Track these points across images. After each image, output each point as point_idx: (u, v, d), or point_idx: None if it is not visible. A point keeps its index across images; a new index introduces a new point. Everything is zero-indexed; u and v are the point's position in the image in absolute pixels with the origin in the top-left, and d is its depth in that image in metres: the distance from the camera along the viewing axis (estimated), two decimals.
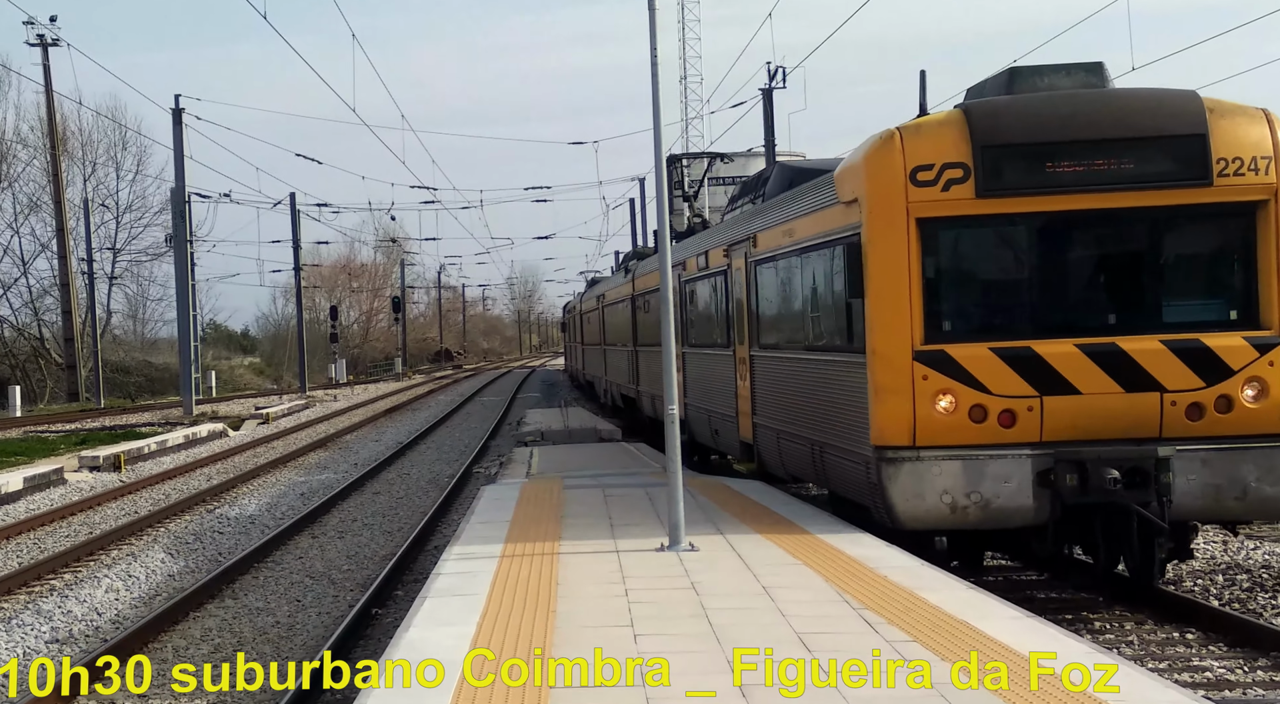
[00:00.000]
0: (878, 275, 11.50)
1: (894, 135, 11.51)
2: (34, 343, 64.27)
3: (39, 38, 52.17)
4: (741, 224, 17.59)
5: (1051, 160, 11.43)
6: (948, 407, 11.22)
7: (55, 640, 11.53)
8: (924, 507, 11.23)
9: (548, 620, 8.63)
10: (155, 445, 29.85)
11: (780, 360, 15.16)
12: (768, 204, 16.19)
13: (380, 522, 18.48)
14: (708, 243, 19.81)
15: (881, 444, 11.40)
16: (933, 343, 11.36)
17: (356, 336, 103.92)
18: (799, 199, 14.33)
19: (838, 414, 12.68)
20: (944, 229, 11.58)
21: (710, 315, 19.59)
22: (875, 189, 11.55)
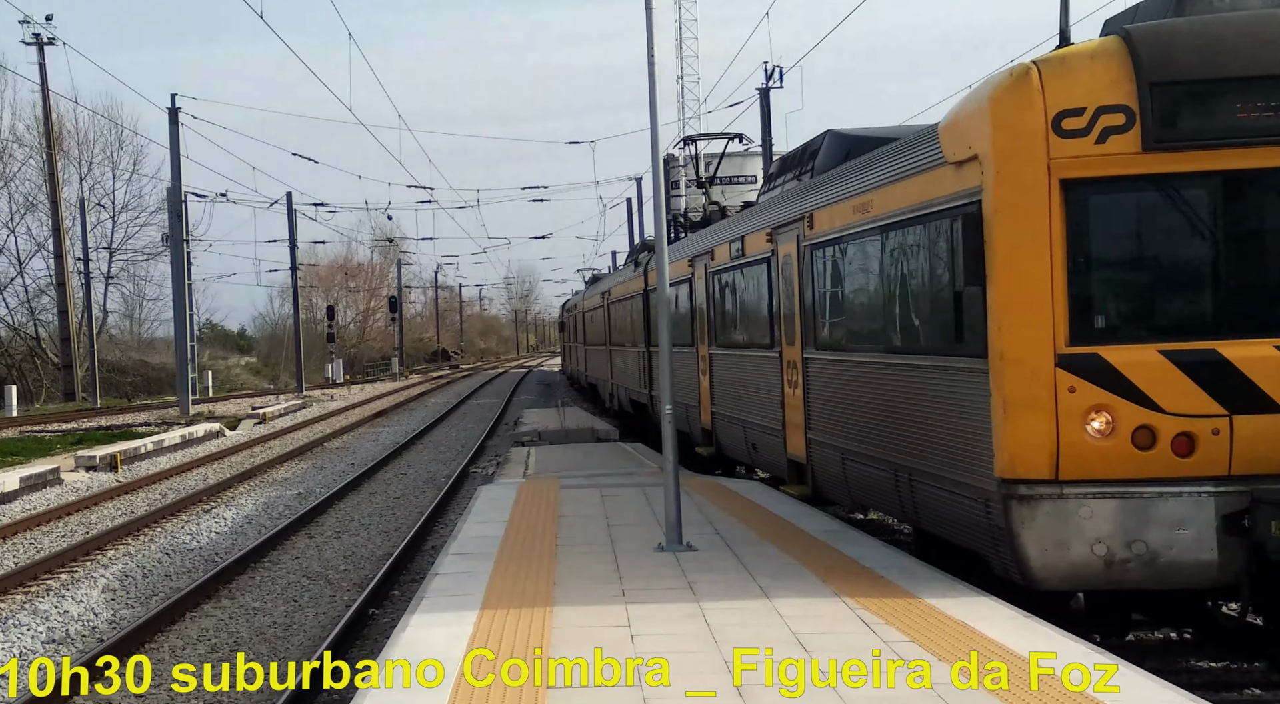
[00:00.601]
0: (1007, 255, 8.98)
1: (1030, 71, 8.97)
2: (30, 342, 64.23)
3: (35, 37, 52.19)
4: (789, 203, 14.98)
5: (1244, 102, 8.82)
6: (1102, 428, 8.74)
7: (52, 641, 11.51)
8: (1068, 560, 8.74)
9: (545, 620, 8.62)
10: (152, 445, 29.82)
11: (847, 365, 12.65)
12: (824, 177, 13.72)
13: (377, 522, 18.46)
14: (743, 228, 17.35)
15: (1011, 477, 8.85)
16: (1082, 344, 8.85)
17: (353, 336, 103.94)
18: (876, 165, 11.78)
19: (939, 435, 10.15)
20: (1098, 193, 9.04)
21: (748, 311, 17.20)
22: (1005, 142, 9.03)
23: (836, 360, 13.09)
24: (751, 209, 18.23)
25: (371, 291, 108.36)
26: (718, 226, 20.05)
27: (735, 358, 17.79)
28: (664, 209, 12.71)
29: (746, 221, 17.35)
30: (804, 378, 14.03)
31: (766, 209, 16.45)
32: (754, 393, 16.43)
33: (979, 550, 9.65)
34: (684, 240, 23.38)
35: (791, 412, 14.59)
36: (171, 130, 43.01)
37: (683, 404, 20.65)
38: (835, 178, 13.21)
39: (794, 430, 14.51)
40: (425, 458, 27.83)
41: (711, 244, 19.20)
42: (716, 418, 18.96)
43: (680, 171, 64.27)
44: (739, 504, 14.20)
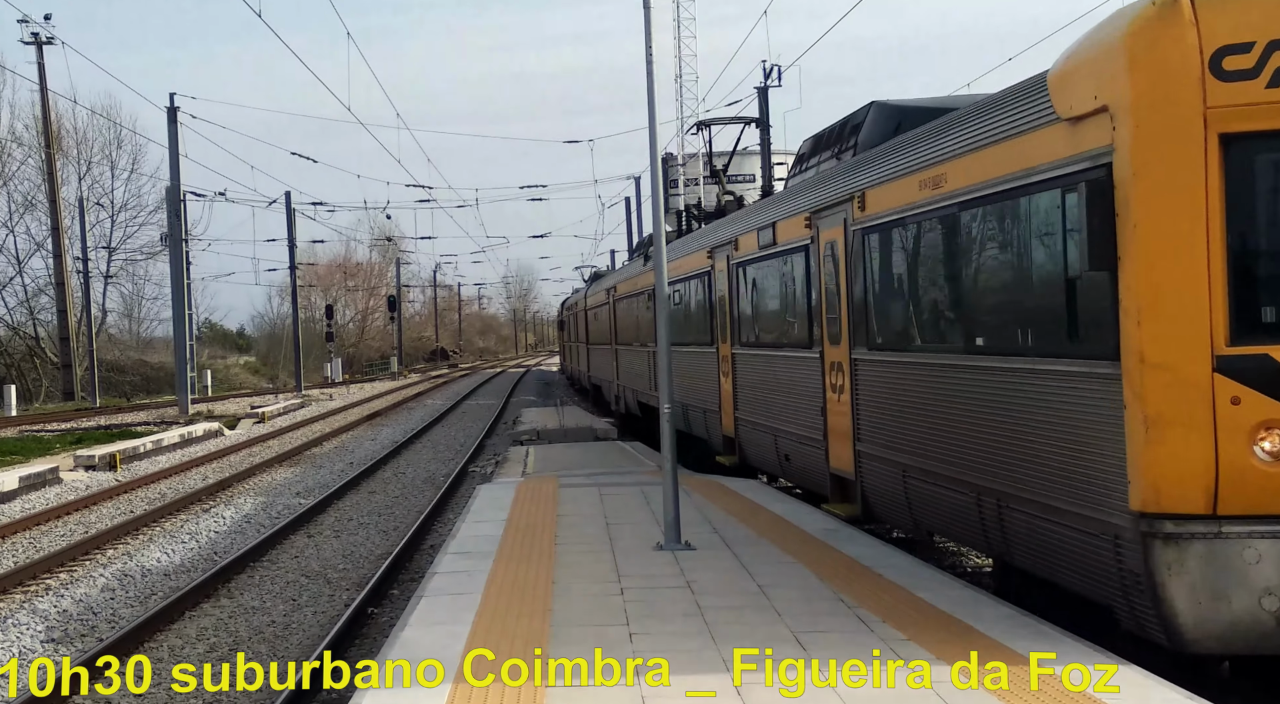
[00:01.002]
0: (1149, 231, 7.25)
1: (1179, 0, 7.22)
2: (29, 342, 64.20)
3: (34, 36, 52.17)
4: (831, 183, 13.19)
5: None
6: (1275, 450, 7.12)
7: (51, 640, 11.51)
8: (1228, 616, 7.11)
9: (543, 619, 8.62)
10: (151, 445, 29.82)
11: (912, 367, 10.84)
12: (876, 152, 12.06)
13: (376, 521, 18.46)
14: (773, 213, 15.67)
15: (1153, 511, 7.21)
16: (1248, 342, 7.16)
17: (352, 335, 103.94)
18: (952, 131, 9.97)
19: (1043, 454, 8.44)
20: (1268, 151, 7.26)
21: (781, 306, 15.45)
22: (1147, 87, 7.25)
23: (896, 362, 11.20)
24: (782, 193, 16.29)
25: (370, 291, 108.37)
26: (741, 214, 18.56)
27: (765, 358, 16.03)
28: (662, 208, 12.71)
29: (778, 206, 15.65)
30: (852, 381, 12.26)
31: (802, 191, 14.54)
32: (788, 397, 14.69)
33: (1101, 599, 7.90)
34: (701, 230, 22.10)
35: (835, 419, 12.90)
36: (170, 129, 42.99)
37: (700, 408, 20.02)
38: (891, 152, 11.50)
39: (839, 441, 12.81)
40: (424, 457, 27.83)
41: (735, 233, 17.57)
42: (741, 424, 17.30)
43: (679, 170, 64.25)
44: (738, 503, 14.20)
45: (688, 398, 20.60)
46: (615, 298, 32.87)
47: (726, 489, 15.50)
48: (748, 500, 14.40)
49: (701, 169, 64.17)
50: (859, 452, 12.22)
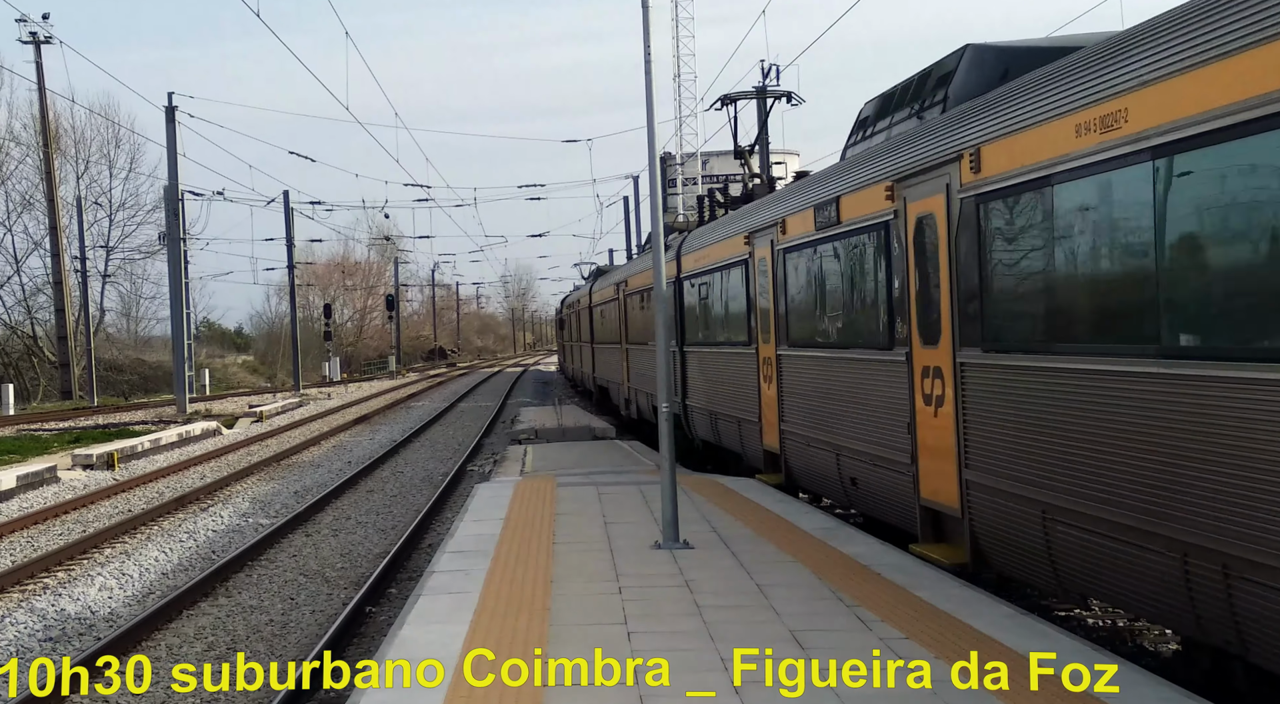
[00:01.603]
0: None
1: None
2: (27, 341, 64.17)
3: (31, 35, 52.13)
4: (925, 142, 10.59)
5: None
6: None
7: (49, 639, 11.50)
8: None
9: (542, 619, 8.62)
10: (149, 444, 29.80)
11: (1070, 376, 8.16)
12: (987, 100, 9.65)
13: (374, 519, 18.45)
14: (835, 186, 12.98)
15: None
16: None
17: (350, 335, 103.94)
18: (1142, 46, 7.35)
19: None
20: None
21: (844, 298, 13.00)
22: None
23: (1038, 368, 8.60)
24: (842, 165, 13.61)
25: (369, 290, 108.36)
26: (786, 192, 15.92)
27: (823, 362, 13.58)
28: (661, 208, 12.70)
29: (840, 178, 13.05)
30: (957, 391, 9.83)
31: (874, 159, 12.07)
32: (857, 409, 12.39)
33: None
34: (736, 213, 19.14)
35: (931, 437, 10.46)
36: (168, 129, 42.94)
37: (732, 417, 17.80)
38: (1020, 93, 8.96)
39: (936, 465, 10.38)
40: (422, 455, 27.82)
41: (780, 214, 15.06)
42: (788, 438, 14.87)
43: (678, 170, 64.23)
44: (736, 502, 14.19)
45: (717, 405, 18.68)
46: (626, 293, 30.14)
47: (725, 488, 15.49)
48: (746, 499, 14.40)
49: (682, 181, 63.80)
50: (968, 481, 9.64)
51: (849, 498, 13.21)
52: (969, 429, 9.69)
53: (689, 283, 21.19)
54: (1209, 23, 6.61)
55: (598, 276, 43.15)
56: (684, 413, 21.33)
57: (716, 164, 68.60)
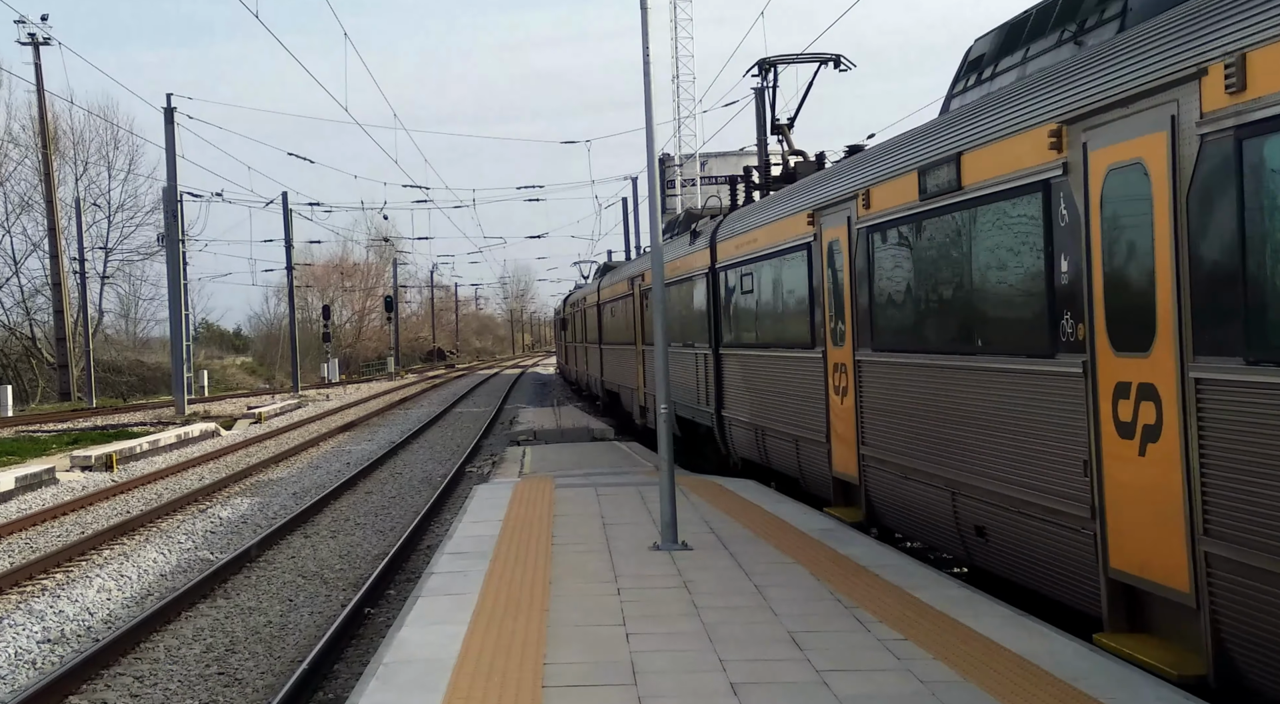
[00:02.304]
0: None
1: None
2: (26, 342, 64.14)
3: (30, 37, 52.10)
4: (1120, 61, 7.62)
5: None
6: None
7: (47, 640, 11.50)
8: None
9: (540, 619, 8.63)
10: (147, 445, 29.80)
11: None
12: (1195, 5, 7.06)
13: (373, 521, 18.46)
14: (950, 140, 10.01)
15: None
16: None
17: (349, 336, 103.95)
18: None
19: None
20: None
21: (966, 287, 9.77)
22: None
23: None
24: (949, 118, 10.68)
25: (367, 291, 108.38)
26: (872, 154, 12.71)
27: (931, 371, 10.47)
28: (659, 209, 12.71)
29: (951, 131, 10.14)
30: (1184, 419, 6.87)
31: (1016, 99, 9.09)
32: (993, 437, 9.28)
33: None
34: (788, 190, 16.09)
35: (1131, 480, 7.43)
36: (167, 130, 42.94)
37: (785, 434, 15.04)
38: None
39: (1143, 523, 7.32)
40: (421, 457, 27.83)
41: (861, 183, 12.12)
42: (873, 466, 12.02)
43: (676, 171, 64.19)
44: (734, 503, 14.20)
45: (766, 418, 15.94)
46: (643, 288, 26.69)
47: (723, 489, 15.50)
48: (744, 500, 14.41)
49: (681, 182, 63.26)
50: (1208, 556, 6.70)
51: (969, 552, 10.02)
52: (1214, 476, 6.69)
53: (726, 273, 18.06)
54: None
55: (605, 272, 40.40)
56: (718, 425, 18.63)
57: (715, 165, 68.56)
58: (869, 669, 7.23)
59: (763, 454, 16.29)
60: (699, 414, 20.02)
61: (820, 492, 14.07)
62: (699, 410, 19.98)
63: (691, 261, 20.44)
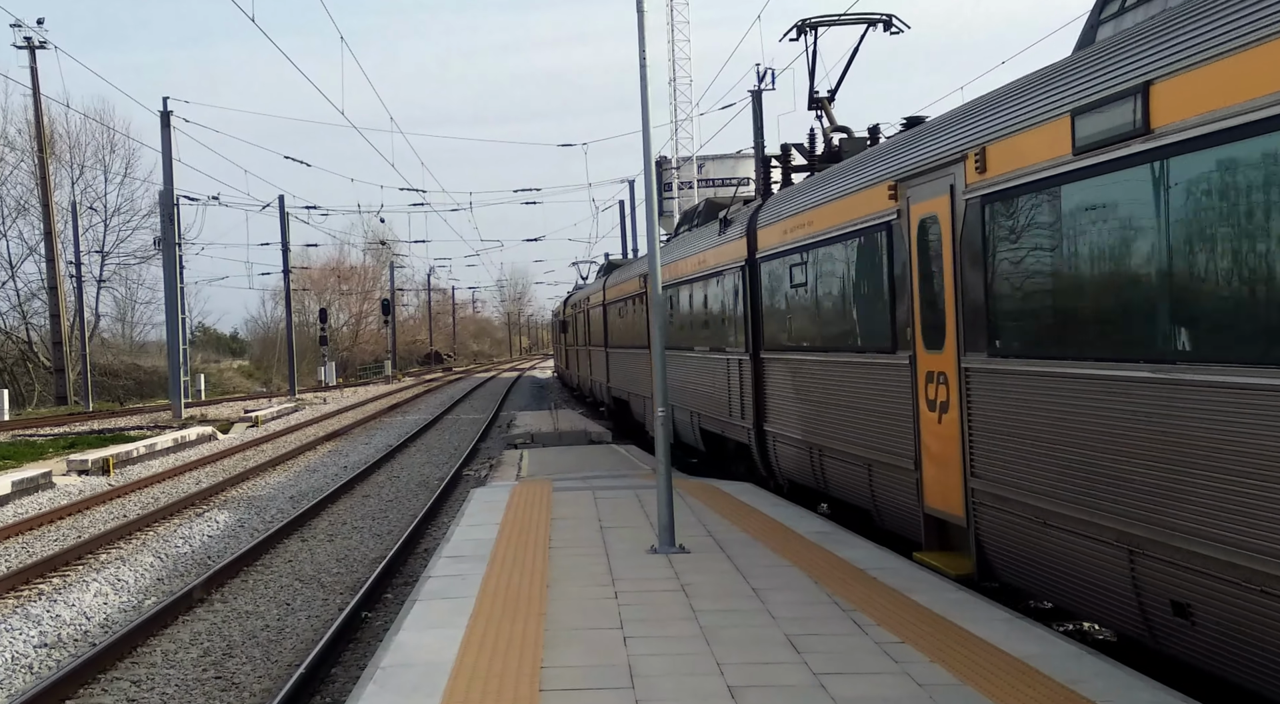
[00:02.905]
0: None
1: None
2: (22, 346, 64.08)
3: (26, 40, 52.06)
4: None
5: None
6: None
7: (44, 645, 11.48)
8: None
9: (537, 623, 8.62)
10: (144, 449, 29.77)
11: None
12: None
13: (370, 524, 18.44)
14: (1134, 67, 7.32)
15: None
16: None
17: (346, 339, 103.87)
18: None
19: None
20: None
21: (1160, 272, 7.11)
22: None
23: None
24: (1123, 36, 7.81)
25: (364, 294, 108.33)
26: (993, 98, 9.60)
27: (1098, 385, 7.76)
28: (655, 212, 12.70)
29: (1154, 43, 7.22)
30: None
31: None
32: (1210, 479, 6.66)
33: None
34: (855, 161, 13.28)
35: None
36: (163, 133, 42.91)
37: (856, 456, 12.31)
38: None
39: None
40: (418, 460, 27.81)
41: (974, 139, 9.48)
42: (990, 506, 9.34)
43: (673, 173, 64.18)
44: (732, 506, 14.20)
45: (824, 436, 13.28)
46: (662, 284, 21.19)
47: (720, 492, 15.49)
48: (742, 503, 14.40)
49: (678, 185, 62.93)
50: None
51: (1154, 635, 7.37)
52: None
53: (770, 265, 15.35)
54: None
55: (611, 270, 37.58)
56: (757, 441, 16.00)
57: (712, 168, 68.59)
58: (867, 672, 7.23)
59: (818, 478, 13.59)
60: (731, 428, 17.45)
61: (903, 530, 11.39)
62: (731, 424, 17.37)
63: (721, 254, 17.85)
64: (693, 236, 20.46)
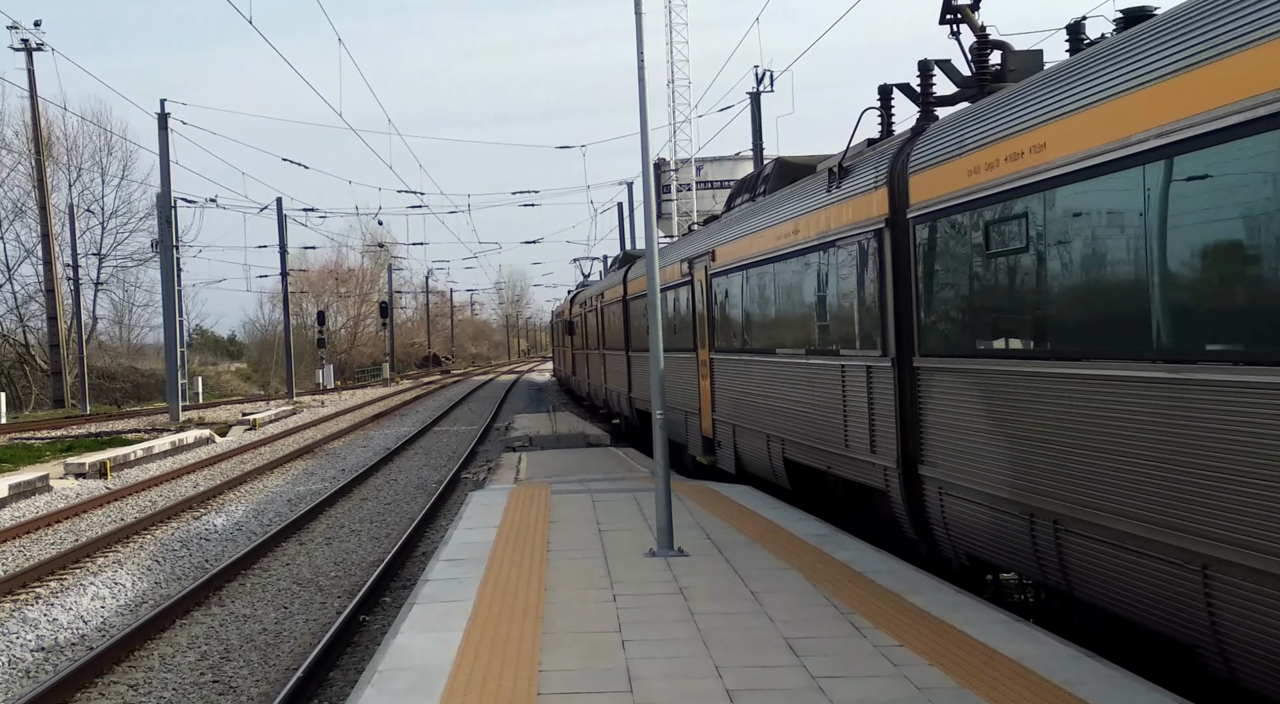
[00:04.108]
0: None
1: None
2: (19, 349, 64.07)
3: (23, 42, 52.06)
4: None
5: None
6: None
7: (41, 649, 11.47)
8: None
9: (535, 626, 8.61)
10: (141, 452, 29.75)
11: None
12: None
13: (368, 528, 18.43)
14: None
15: None
16: None
17: (344, 342, 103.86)
18: None
19: None
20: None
21: None
22: None
23: None
24: None
25: (362, 297, 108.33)
26: None
27: None
28: (654, 213, 12.68)
29: None
30: None
31: None
32: None
33: None
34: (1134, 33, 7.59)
35: None
36: (161, 136, 42.89)
37: (1169, 549, 6.99)
38: None
39: None
40: (416, 463, 27.80)
41: None
42: None
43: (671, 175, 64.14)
44: (730, 509, 14.19)
45: (1066, 498, 8.16)
46: (713, 271, 18.51)
47: (718, 495, 15.48)
48: (740, 506, 14.39)
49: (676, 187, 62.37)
50: None
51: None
52: None
53: (939, 223, 10.23)
54: None
55: (632, 261, 31.33)
56: (904, 489, 10.94)
57: (711, 170, 68.55)
58: (865, 675, 7.22)
59: (1060, 572, 8.39)
60: (849, 464, 12.34)
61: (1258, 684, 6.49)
62: (852, 459, 12.23)
63: (832, 216, 12.73)
64: (768, 203, 15.80)
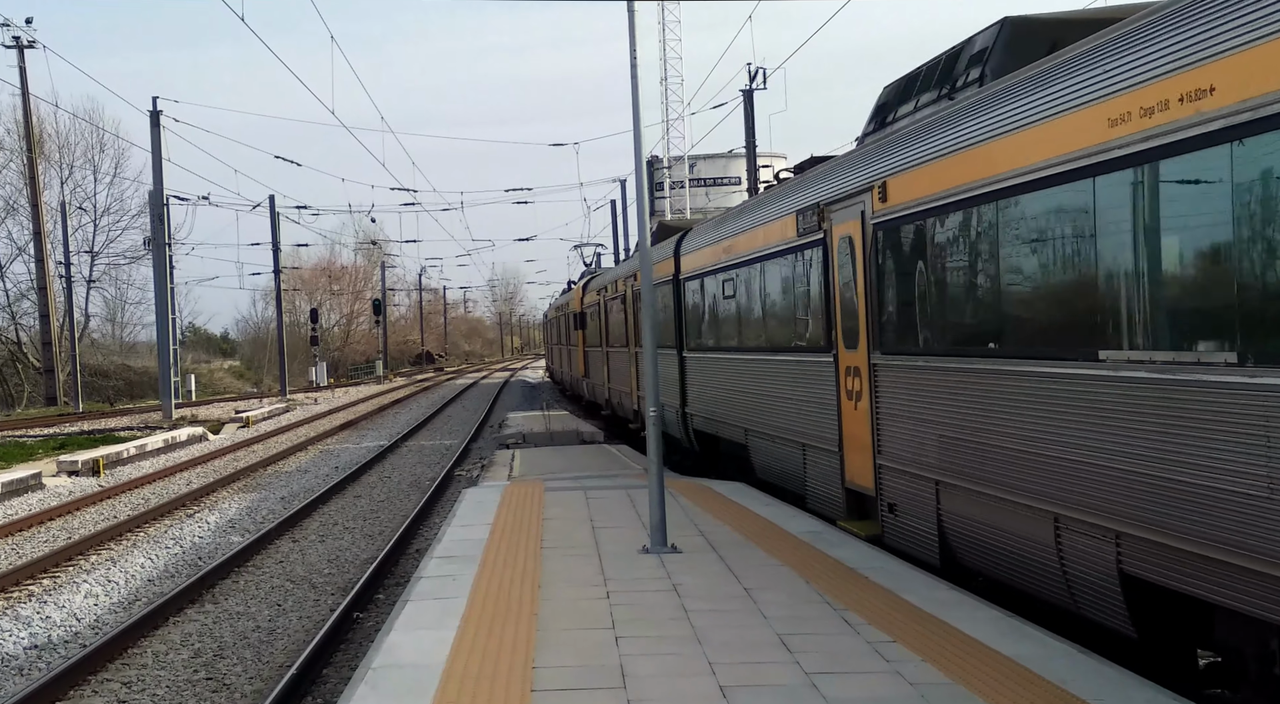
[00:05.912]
0: None
1: None
2: (11, 347, 63.93)
3: (15, 40, 51.90)
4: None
5: None
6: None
7: (34, 646, 11.45)
8: None
9: (529, 623, 8.61)
10: (134, 450, 29.70)
11: None
12: None
13: (361, 525, 18.42)
14: None
15: None
16: None
17: (337, 339, 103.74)
18: None
19: None
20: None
21: None
22: None
23: None
24: None
25: (355, 294, 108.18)
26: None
27: None
28: (647, 212, 12.68)
29: None
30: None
31: None
32: None
33: None
34: None
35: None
36: (153, 133, 42.80)
37: None
38: None
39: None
40: (409, 460, 27.79)
41: None
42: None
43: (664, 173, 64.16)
44: (723, 506, 14.20)
45: None
46: (874, 222, 11.95)
47: (712, 493, 15.49)
48: (734, 504, 14.40)
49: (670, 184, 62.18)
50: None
51: None
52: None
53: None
54: None
55: (672, 233, 23.24)
56: None
57: (704, 167, 68.61)
58: (858, 672, 7.23)
59: None
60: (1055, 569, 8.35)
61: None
62: None
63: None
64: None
